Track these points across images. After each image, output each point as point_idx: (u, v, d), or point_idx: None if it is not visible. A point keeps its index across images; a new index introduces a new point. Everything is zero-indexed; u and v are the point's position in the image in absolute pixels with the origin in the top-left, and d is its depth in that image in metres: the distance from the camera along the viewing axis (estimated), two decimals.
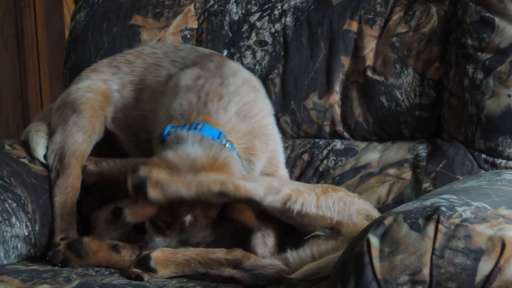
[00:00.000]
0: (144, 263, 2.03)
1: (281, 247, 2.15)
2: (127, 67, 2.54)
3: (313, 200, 2.13)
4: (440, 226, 1.58)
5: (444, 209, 1.60)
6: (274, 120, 2.41)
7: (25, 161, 2.46)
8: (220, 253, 2.05)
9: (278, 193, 2.12)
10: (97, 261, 2.21)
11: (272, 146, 2.35)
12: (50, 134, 2.53)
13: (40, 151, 2.48)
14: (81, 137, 2.44)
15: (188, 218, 2.12)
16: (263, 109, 2.36)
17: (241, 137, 2.26)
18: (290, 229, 2.18)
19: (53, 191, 2.41)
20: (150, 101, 2.47)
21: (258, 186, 2.12)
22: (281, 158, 2.41)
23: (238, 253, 2.05)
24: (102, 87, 2.52)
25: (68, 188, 2.41)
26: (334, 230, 2.13)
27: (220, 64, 2.38)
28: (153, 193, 2.05)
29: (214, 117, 2.24)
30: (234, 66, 2.41)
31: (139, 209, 2.08)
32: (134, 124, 2.52)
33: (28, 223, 2.34)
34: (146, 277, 2.04)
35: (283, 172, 2.41)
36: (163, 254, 2.05)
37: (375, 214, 2.18)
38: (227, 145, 2.21)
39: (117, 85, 2.53)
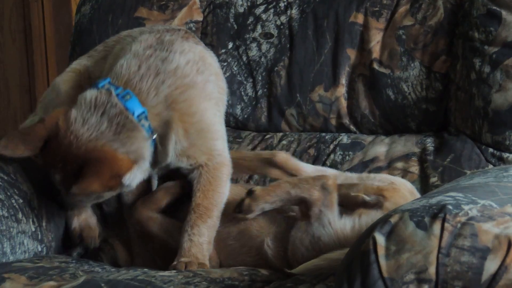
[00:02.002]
0: None
1: None
2: (104, 49, 2.51)
3: (354, 175, 2.30)
4: (446, 225, 1.57)
5: (450, 207, 1.59)
6: (215, 107, 2.29)
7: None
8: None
9: (324, 172, 2.30)
10: None
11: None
12: None
13: None
14: None
15: None
16: (195, 95, 2.24)
17: (160, 125, 2.20)
18: None
19: None
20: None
21: (307, 165, 2.38)
22: (216, 145, 2.28)
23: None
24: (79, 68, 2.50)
25: None
26: (379, 196, 2.16)
27: (175, 39, 2.31)
28: None
29: (145, 96, 2.20)
30: (187, 44, 2.31)
31: None
32: None
33: (34, 219, 2.34)
34: None
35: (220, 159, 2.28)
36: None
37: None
38: (143, 126, 2.17)
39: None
